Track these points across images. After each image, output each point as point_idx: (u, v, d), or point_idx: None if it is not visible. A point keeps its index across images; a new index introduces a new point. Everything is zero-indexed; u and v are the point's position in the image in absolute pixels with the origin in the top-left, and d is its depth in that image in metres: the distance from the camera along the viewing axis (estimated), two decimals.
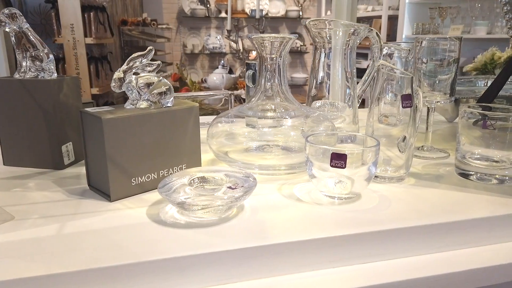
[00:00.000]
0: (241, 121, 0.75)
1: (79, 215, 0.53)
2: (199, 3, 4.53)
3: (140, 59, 0.60)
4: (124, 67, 0.60)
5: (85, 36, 2.92)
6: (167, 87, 0.61)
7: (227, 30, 2.82)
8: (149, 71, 0.62)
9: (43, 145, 0.69)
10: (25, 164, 0.70)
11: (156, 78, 0.61)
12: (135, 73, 0.61)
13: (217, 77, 3.33)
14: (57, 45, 3.08)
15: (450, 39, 0.74)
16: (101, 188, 0.59)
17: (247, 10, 4.58)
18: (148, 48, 0.60)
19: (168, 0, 4.46)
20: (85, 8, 2.93)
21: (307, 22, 0.81)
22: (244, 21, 4.67)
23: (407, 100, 0.61)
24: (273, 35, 0.69)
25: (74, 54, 2.91)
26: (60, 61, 3.07)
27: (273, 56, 0.71)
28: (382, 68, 0.64)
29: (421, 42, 0.75)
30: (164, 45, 4.41)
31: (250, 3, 4.55)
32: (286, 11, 4.77)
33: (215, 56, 4.73)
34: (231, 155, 0.71)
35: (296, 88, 4.81)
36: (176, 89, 3.54)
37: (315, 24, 0.80)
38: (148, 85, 0.60)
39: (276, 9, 4.77)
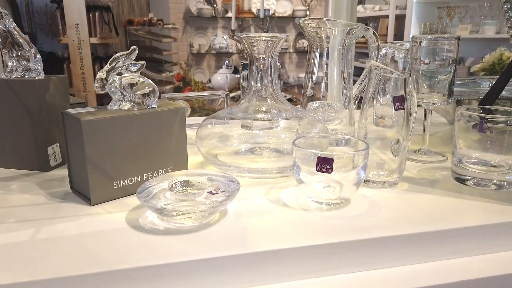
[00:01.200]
0: (231, 122, 0.73)
1: (56, 219, 0.51)
2: (205, 3, 4.51)
3: (124, 58, 0.58)
4: (107, 67, 0.58)
5: (90, 36, 2.92)
6: (151, 88, 0.60)
7: (231, 30, 2.79)
8: (134, 71, 0.60)
9: (29, 146, 0.67)
10: (10, 165, 0.69)
11: (140, 78, 0.60)
12: (118, 73, 0.59)
13: (221, 77, 3.32)
14: (62, 45, 3.09)
15: (448, 39, 0.71)
16: (82, 191, 0.57)
17: (254, 10, 4.55)
18: (132, 47, 0.58)
19: (175, 0, 4.45)
20: (90, 8, 2.93)
21: (301, 21, 0.78)
22: (250, 21, 4.65)
23: (400, 102, 0.58)
24: (263, 34, 0.67)
25: (79, 54, 2.91)
26: (65, 60, 3.09)
27: (264, 56, 0.69)
28: (376, 69, 0.62)
29: (419, 41, 0.73)
30: (171, 45, 4.40)
31: (257, 2, 4.52)
32: (293, 11, 4.73)
33: (221, 56, 4.72)
34: (221, 157, 0.69)
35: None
36: (179, 89, 3.54)
37: (309, 23, 0.78)
38: (132, 85, 0.58)
39: (283, 9, 4.74)
